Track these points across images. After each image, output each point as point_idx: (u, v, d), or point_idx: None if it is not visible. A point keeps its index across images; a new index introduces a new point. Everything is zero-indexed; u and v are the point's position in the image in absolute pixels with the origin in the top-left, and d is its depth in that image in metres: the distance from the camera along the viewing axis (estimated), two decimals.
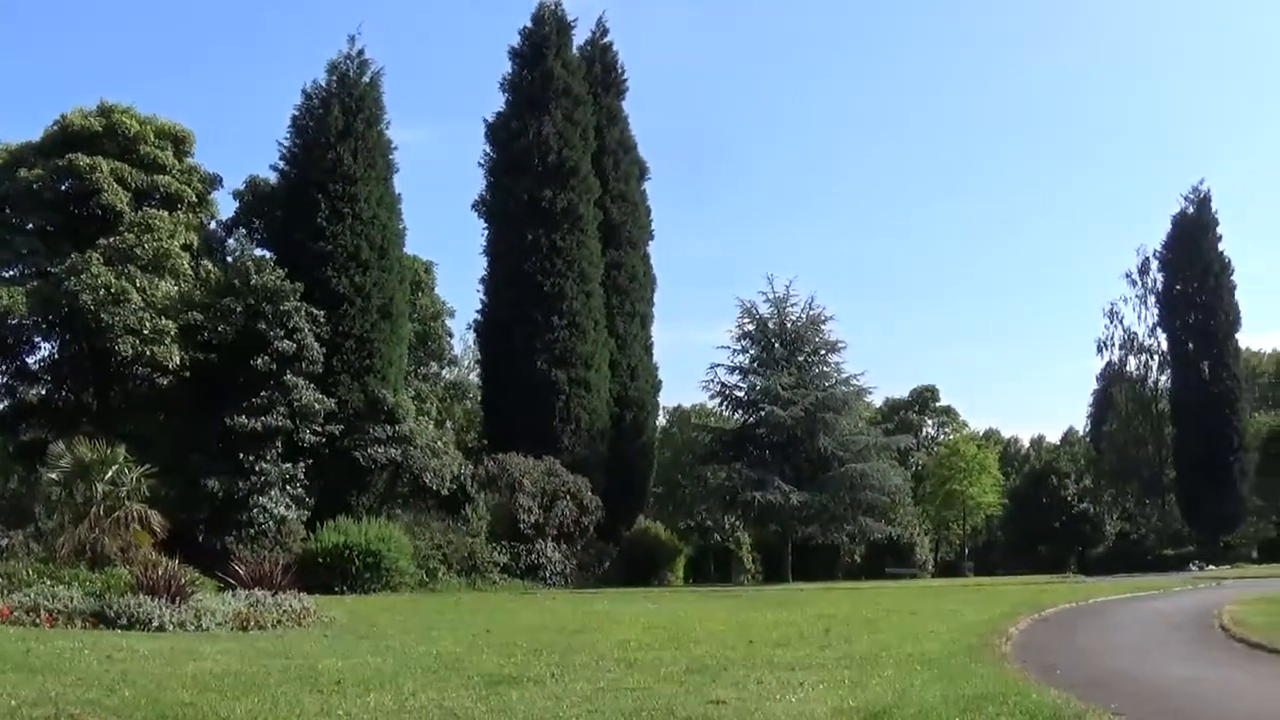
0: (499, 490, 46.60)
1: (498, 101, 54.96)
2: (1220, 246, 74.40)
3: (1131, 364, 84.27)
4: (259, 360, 39.66)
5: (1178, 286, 74.93)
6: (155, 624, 19.71)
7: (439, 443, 45.08)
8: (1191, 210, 74.82)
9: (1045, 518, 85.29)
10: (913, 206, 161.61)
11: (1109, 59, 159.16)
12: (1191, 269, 73.72)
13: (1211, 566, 60.24)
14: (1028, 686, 13.69)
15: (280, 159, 45.83)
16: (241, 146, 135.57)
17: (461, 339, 65.50)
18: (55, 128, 41.69)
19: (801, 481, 57.23)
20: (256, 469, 39.18)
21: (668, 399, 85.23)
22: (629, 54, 69.16)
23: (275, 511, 39.38)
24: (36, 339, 42.23)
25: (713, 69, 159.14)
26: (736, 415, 63.72)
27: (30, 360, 42.56)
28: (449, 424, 53.42)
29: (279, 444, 40.25)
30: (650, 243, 59.14)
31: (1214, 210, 74.74)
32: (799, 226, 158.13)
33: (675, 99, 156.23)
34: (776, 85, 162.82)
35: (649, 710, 11.63)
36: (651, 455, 60.24)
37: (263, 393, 39.81)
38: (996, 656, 17.99)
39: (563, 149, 52.25)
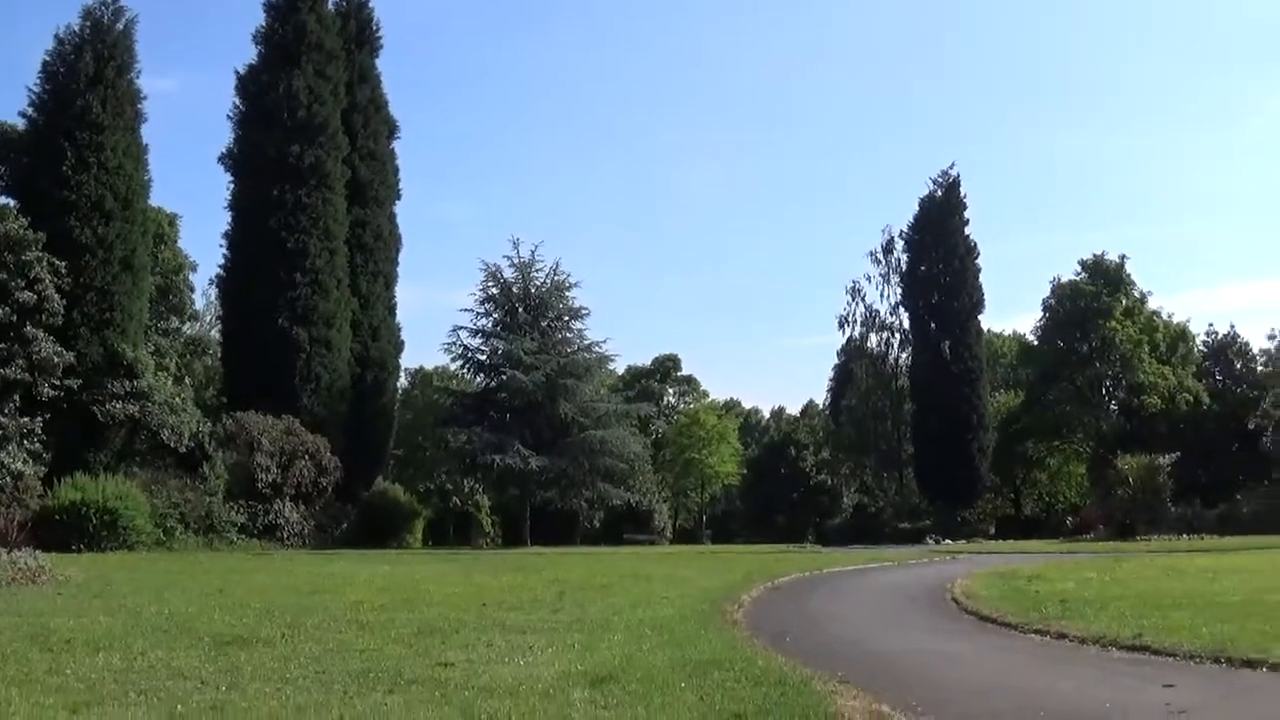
0: (237, 449, 48.87)
1: (251, 53, 57.16)
2: (967, 230, 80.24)
3: (873, 340, 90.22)
4: None
5: (922, 267, 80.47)
6: None
7: (177, 399, 47.58)
8: (940, 193, 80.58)
9: (784, 488, 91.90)
10: (661, 176, 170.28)
11: (865, 39, 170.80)
12: (937, 250, 79.37)
13: (948, 541, 64.13)
14: (755, 653, 14.80)
15: (29, 105, 47.57)
16: None
17: (204, 294, 67.83)
18: None
19: (541, 446, 60.85)
20: None
21: (411, 360, 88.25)
22: (385, 12, 72.26)
23: (12, 467, 41.24)
24: None
25: (472, 30, 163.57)
26: (478, 378, 67.41)
27: None
28: (188, 380, 55.77)
29: (16, 398, 42.24)
30: (397, 202, 62.35)
31: (962, 194, 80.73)
32: (551, 193, 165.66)
33: (434, 59, 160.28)
34: (537, 50, 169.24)
35: (377, 672, 12.46)
36: (392, 416, 63.53)
37: (1, 344, 41.81)
38: (727, 623, 19.38)
39: (313, 104, 54.92)
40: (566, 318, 67.31)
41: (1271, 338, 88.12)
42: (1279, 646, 14.58)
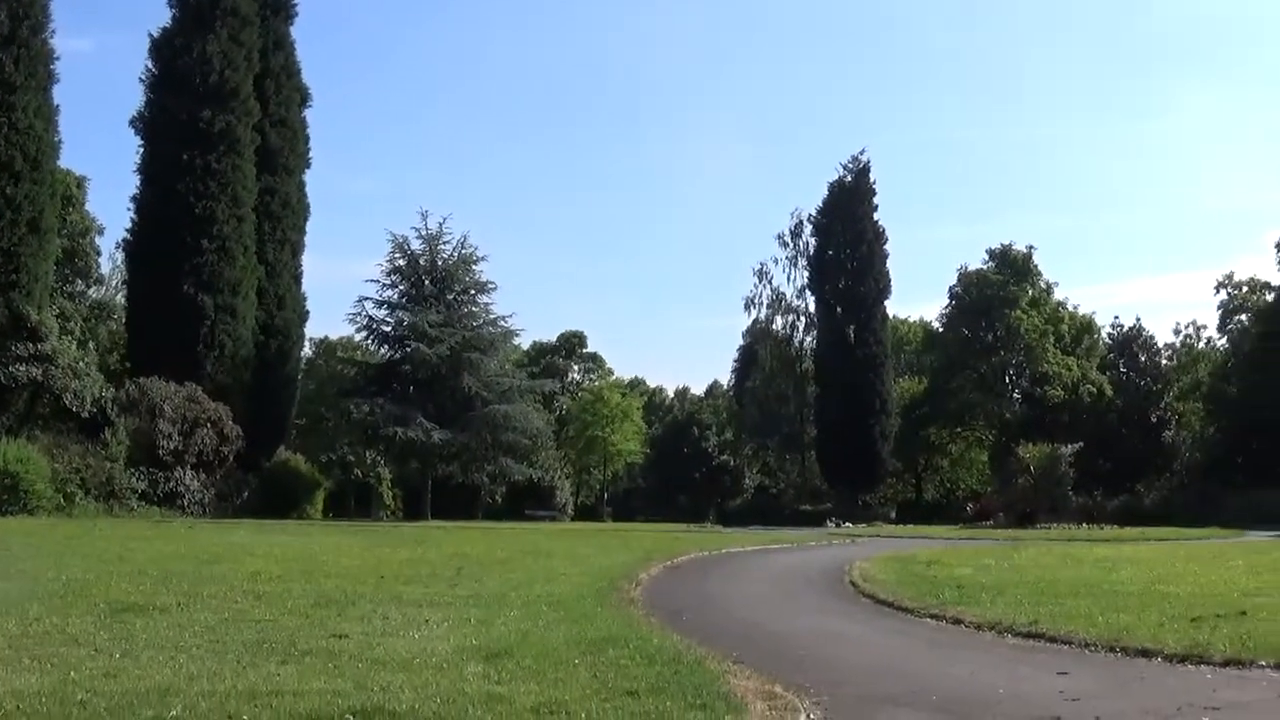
0: (140, 415, 49.26)
1: (165, 16, 57.62)
2: (875, 216, 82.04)
3: (778, 323, 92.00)
4: None
5: (830, 251, 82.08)
6: None
7: (81, 364, 47.67)
8: (850, 179, 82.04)
9: (686, 468, 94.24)
10: (575, 156, 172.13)
11: (783, 23, 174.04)
12: (845, 235, 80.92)
13: (849, 524, 65.07)
14: (651, 631, 15.24)
15: None
16: None
17: (110, 258, 68.32)
18: None
19: (444, 420, 62.36)
20: None
21: (317, 330, 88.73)
22: None
23: None
24: None
25: (388, 3, 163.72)
26: (383, 350, 68.60)
27: None
28: (92, 345, 56.16)
29: None
30: (307, 171, 63.06)
31: (872, 180, 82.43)
32: (463, 168, 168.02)
33: (348, 29, 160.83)
34: (452, 26, 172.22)
35: (271, 642, 12.71)
36: (295, 386, 64.54)
37: None
38: (624, 601, 19.81)
39: (225, 69, 55.61)
40: (473, 291, 68.62)
41: (1177, 332, 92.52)
42: (1173, 636, 15.01)
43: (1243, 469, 73.28)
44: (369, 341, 70.90)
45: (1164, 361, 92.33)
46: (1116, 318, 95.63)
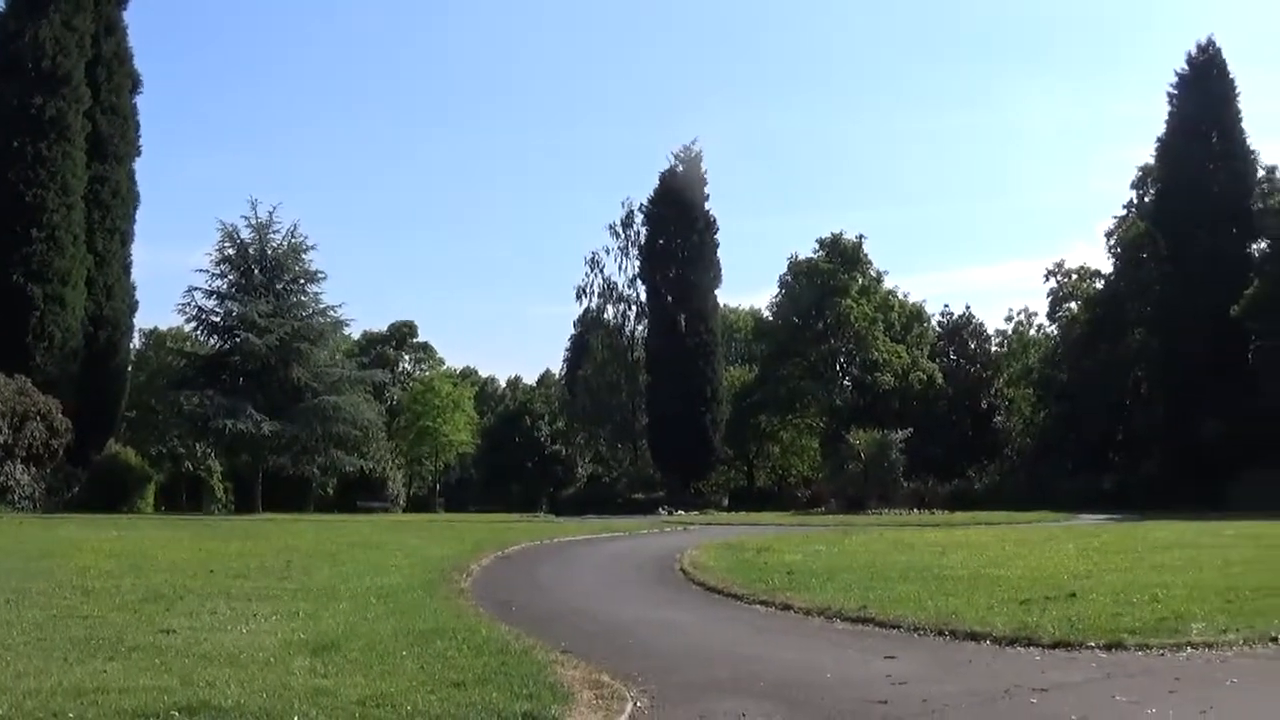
0: None
1: None
2: (707, 205, 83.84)
3: (610, 312, 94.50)
4: None
5: (661, 241, 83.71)
6: None
7: None
8: (682, 168, 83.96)
9: (518, 457, 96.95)
10: (408, 142, 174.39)
11: (622, 13, 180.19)
12: (677, 225, 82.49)
13: (681, 512, 65.96)
14: (479, 622, 15.80)
15: None
16: None
17: None
18: None
19: (275, 411, 63.31)
20: None
21: (146, 321, 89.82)
22: None
23: None
24: None
25: None
26: (212, 341, 68.98)
27: None
28: None
29: None
30: (137, 159, 63.43)
31: (704, 170, 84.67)
32: (294, 155, 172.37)
33: (181, 13, 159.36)
34: (283, 11, 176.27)
35: (98, 639, 12.98)
36: (125, 378, 65.19)
37: None
38: (454, 592, 20.45)
39: (58, 55, 56.08)
40: (302, 281, 69.66)
41: (1009, 319, 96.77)
42: (1002, 619, 15.87)
43: (1073, 454, 77.17)
44: (198, 332, 71.30)
45: (994, 348, 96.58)
46: (946, 306, 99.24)
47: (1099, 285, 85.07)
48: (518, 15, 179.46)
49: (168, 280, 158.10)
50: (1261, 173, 72.39)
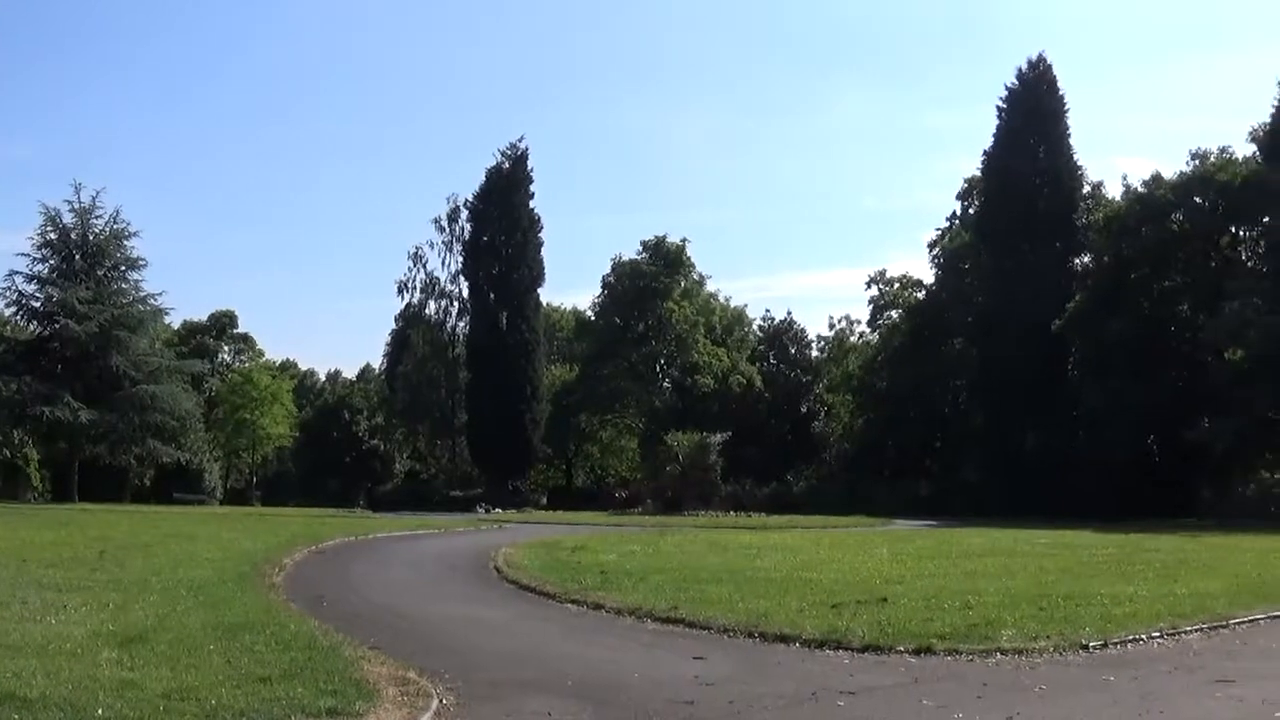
0: None
1: None
2: (532, 204, 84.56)
3: (432, 308, 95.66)
4: None
5: (485, 237, 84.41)
6: None
7: None
8: (507, 165, 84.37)
9: (337, 452, 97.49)
10: (230, 128, 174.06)
11: (445, 8, 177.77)
12: (501, 222, 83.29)
13: (498, 510, 66.50)
14: (289, 617, 15.87)
15: None
16: None
17: None
18: None
19: (92, 399, 63.61)
20: None
21: None
22: None
23: None
24: None
25: None
26: (32, 326, 68.88)
27: None
28: None
29: None
30: None
31: (530, 168, 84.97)
32: (120, 140, 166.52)
33: None
34: None
35: None
36: None
37: None
38: (266, 586, 20.64)
39: None
40: (124, 268, 70.04)
41: (831, 326, 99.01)
42: (813, 622, 16.19)
43: (891, 460, 79.93)
44: (18, 317, 70.91)
45: (815, 354, 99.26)
46: (768, 310, 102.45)
47: (921, 295, 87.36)
48: (350, 4, 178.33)
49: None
50: (1087, 188, 75.42)
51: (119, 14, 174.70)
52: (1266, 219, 61.72)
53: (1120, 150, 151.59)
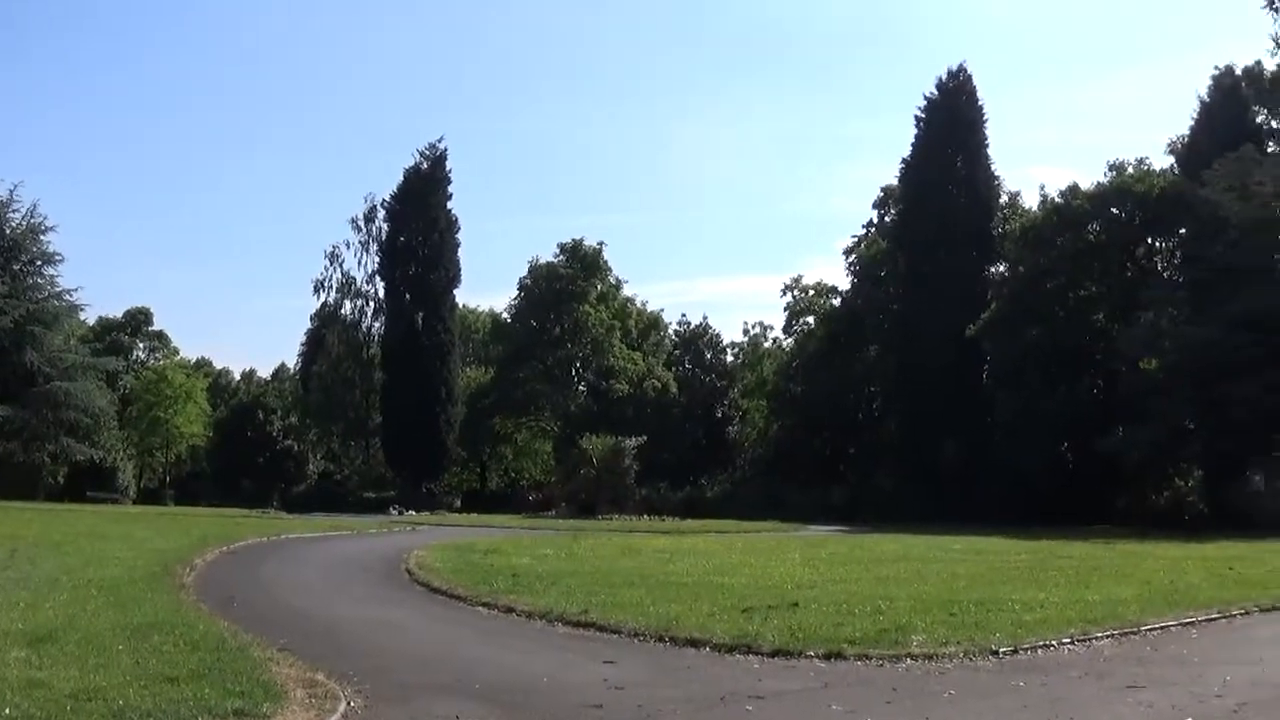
0: None
1: None
2: (449, 205, 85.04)
3: (347, 308, 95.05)
4: None
5: (402, 238, 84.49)
6: None
7: None
8: (426, 166, 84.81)
9: (250, 452, 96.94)
10: (145, 121, 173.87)
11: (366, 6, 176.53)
12: (418, 223, 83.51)
13: (412, 512, 67.00)
14: (199, 617, 15.94)
15: None
16: None
17: None
18: None
19: (5, 396, 63.30)
20: None
21: None
22: None
23: None
24: None
25: None
26: None
27: None
28: None
29: None
30: None
31: (448, 169, 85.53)
32: (37, 132, 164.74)
33: None
34: None
35: None
36: None
37: None
38: (176, 586, 20.73)
39: None
40: (40, 263, 69.61)
41: (746, 332, 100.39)
42: (723, 627, 16.31)
43: (805, 465, 79.92)
44: None
45: (730, 359, 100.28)
46: (684, 315, 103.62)
47: (836, 302, 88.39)
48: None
49: None
50: (1004, 198, 76.98)
51: (27, 5, 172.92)
52: (1183, 230, 62.66)
53: (1037, 161, 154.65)
